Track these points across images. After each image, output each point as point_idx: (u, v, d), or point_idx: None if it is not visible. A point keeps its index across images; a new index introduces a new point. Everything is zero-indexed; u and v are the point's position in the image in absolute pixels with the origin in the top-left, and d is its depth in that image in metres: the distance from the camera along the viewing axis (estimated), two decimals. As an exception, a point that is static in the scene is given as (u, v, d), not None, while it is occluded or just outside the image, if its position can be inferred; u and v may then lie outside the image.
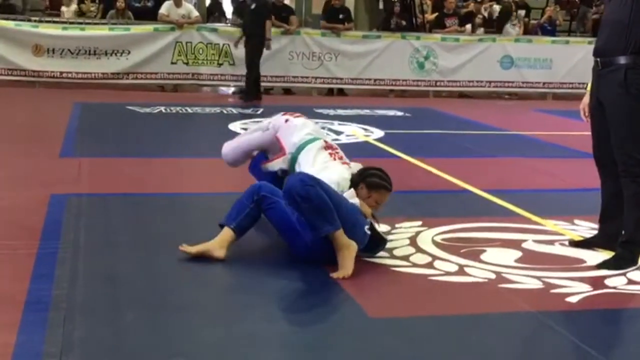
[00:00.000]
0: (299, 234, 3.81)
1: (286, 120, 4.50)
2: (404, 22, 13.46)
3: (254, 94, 11.33)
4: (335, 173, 4.05)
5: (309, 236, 3.77)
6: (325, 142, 4.35)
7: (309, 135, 4.34)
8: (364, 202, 4.00)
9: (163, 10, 12.49)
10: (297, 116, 4.58)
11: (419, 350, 2.97)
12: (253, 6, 11.22)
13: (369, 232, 3.91)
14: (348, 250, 3.71)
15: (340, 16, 12.84)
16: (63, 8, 14.10)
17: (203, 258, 3.81)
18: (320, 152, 4.24)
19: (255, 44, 11.18)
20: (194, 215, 4.75)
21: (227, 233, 3.87)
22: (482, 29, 14.23)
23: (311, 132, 4.40)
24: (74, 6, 14.26)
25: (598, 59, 4.03)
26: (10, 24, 11.70)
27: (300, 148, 4.29)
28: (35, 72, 11.74)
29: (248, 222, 3.91)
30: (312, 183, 3.70)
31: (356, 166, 4.27)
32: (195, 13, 12.67)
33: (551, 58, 13.46)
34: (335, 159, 4.20)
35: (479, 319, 3.32)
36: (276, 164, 4.40)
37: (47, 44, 11.71)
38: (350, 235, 3.75)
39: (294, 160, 4.29)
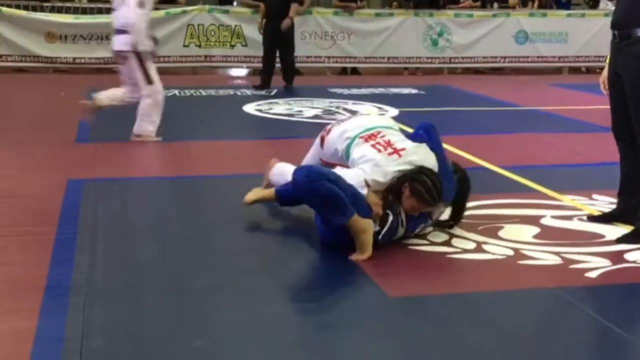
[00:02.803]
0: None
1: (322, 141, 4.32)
2: None
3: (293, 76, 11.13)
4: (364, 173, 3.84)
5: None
6: (361, 136, 4.09)
7: (348, 140, 4.12)
8: (405, 201, 3.81)
9: None
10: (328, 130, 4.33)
11: (441, 329, 2.97)
12: None
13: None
14: (365, 234, 3.67)
15: (353, -6, 12.74)
16: None
17: (223, 240, 3.83)
18: (362, 147, 4.01)
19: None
20: (211, 198, 4.75)
21: (268, 190, 4.29)
22: (495, 4, 14.09)
23: (347, 131, 4.18)
24: None
25: (615, 32, 3.98)
26: (22, 13, 11.72)
27: (347, 150, 4.10)
28: (49, 58, 11.76)
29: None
30: (316, 178, 3.62)
31: (414, 151, 4.01)
32: None
33: (567, 32, 13.34)
34: (381, 151, 3.95)
35: (498, 296, 3.31)
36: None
37: (60, 31, 11.72)
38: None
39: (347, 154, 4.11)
